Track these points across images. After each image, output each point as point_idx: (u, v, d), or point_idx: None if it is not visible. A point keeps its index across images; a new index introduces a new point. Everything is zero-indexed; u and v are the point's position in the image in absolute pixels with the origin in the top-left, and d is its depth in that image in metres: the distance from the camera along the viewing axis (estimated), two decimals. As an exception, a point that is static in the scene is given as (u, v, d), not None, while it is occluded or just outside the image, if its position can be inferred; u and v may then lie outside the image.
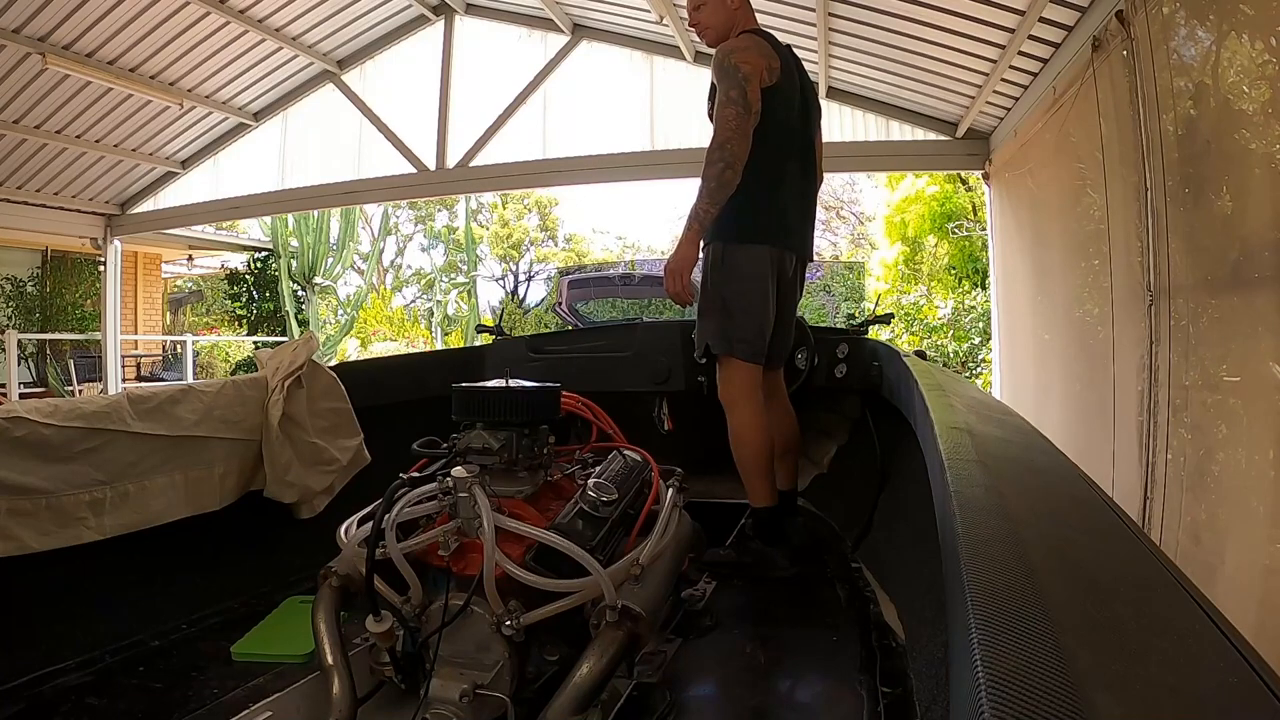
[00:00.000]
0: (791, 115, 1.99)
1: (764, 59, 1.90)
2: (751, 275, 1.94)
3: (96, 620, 1.50)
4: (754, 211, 1.94)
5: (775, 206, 1.97)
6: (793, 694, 1.40)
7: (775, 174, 1.96)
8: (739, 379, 1.97)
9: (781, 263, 2.00)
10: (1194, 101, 2.31)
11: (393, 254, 16.70)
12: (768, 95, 1.89)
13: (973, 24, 3.69)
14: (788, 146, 1.99)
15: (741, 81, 1.84)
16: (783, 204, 1.99)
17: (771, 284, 1.97)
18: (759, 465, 1.97)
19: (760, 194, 1.93)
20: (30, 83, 5.39)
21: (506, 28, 6.10)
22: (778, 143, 1.95)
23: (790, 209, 2.02)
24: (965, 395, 1.31)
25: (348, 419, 1.99)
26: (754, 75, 1.86)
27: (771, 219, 1.97)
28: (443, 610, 1.07)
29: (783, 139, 1.97)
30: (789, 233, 2.01)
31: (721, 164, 1.82)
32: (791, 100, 1.98)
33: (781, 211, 1.99)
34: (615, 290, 7.00)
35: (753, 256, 1.95)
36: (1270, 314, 1.95)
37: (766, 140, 1.90)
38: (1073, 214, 3.44)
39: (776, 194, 1.98)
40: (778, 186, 1.98)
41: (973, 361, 7.14)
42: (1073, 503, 0.70)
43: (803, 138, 2.05)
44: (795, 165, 2.02)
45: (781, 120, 1.95)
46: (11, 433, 1.35)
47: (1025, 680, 0.36)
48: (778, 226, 1.98)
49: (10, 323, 9.04)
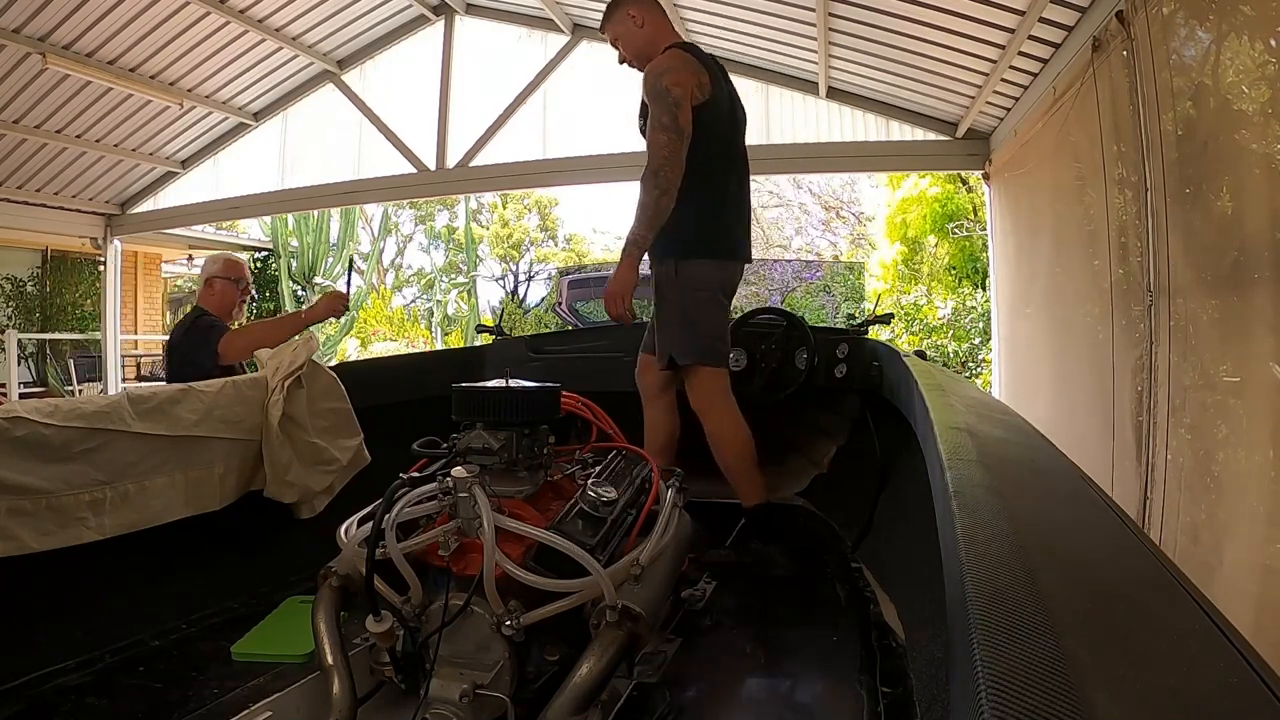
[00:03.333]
0: (725, 127, 2.02)
1: (694, 76, 1.93)
2: (706, 286, 1.99)
3: (96, 620, 1.50)
4: (703, 227, 1.99)
5: (722, 221, 2.02)
6: (793, 694, 1.40)
7: (719, 188, 2.01)
8: (710, 385, 2.01)
9: (730, 274, 2.05)
10: (1194, 102, 2.31)
11: (393, 254, 16.70)
12: (701, 111, 1.92)
13: (973, 24, 3.69)
14: (726, 158, 2.03)
15: (673, 106, 1.88)
16: (729, 218, 2.04)
17: (721, 294, 2.03)
18: (744, 464, 2.00)
19: (707, 209, 1.98)
20: (30, 82, 5.39)
21: (506, 28, 6.10)
22: (717, 156, 1.99)
23: (735, 222, 2.06)
24: (965, 395, 1.31)
25: (348, 419, 1.99)
26: (685, 96, 1.89)
27: (720, 233, 2.02)
28: (443, 610, 1.07)
29: (721, 151, 2.01)
30: (736, 245, 2.06)
31: (657, 191, 1.87)
32: (723, 112, 2.02)
33: (728, 226, 2.03)
34: (615, 290, 6.99)
35: (706, 269, 1.99)
36: (1270, 314, 1.95)
37: (707, 155, 1.95)
38: (1073, 214, 3.44)
39: (723, 208, 2.02)
40: (723, 200, 2.02)
41: (973, 361, 7.14)
42: (1073, 503, 0.70)
43: (737, 147, 2.09)
44: (735, 176, 2.07)
45: (717, 134, 1.99)
46: (11, 433, 1.35)
47: (1025, 680, 0.36)
48: (726, 240, 2.03)
49: (10, 322, 9.03)
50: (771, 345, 2.57)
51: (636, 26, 2.11)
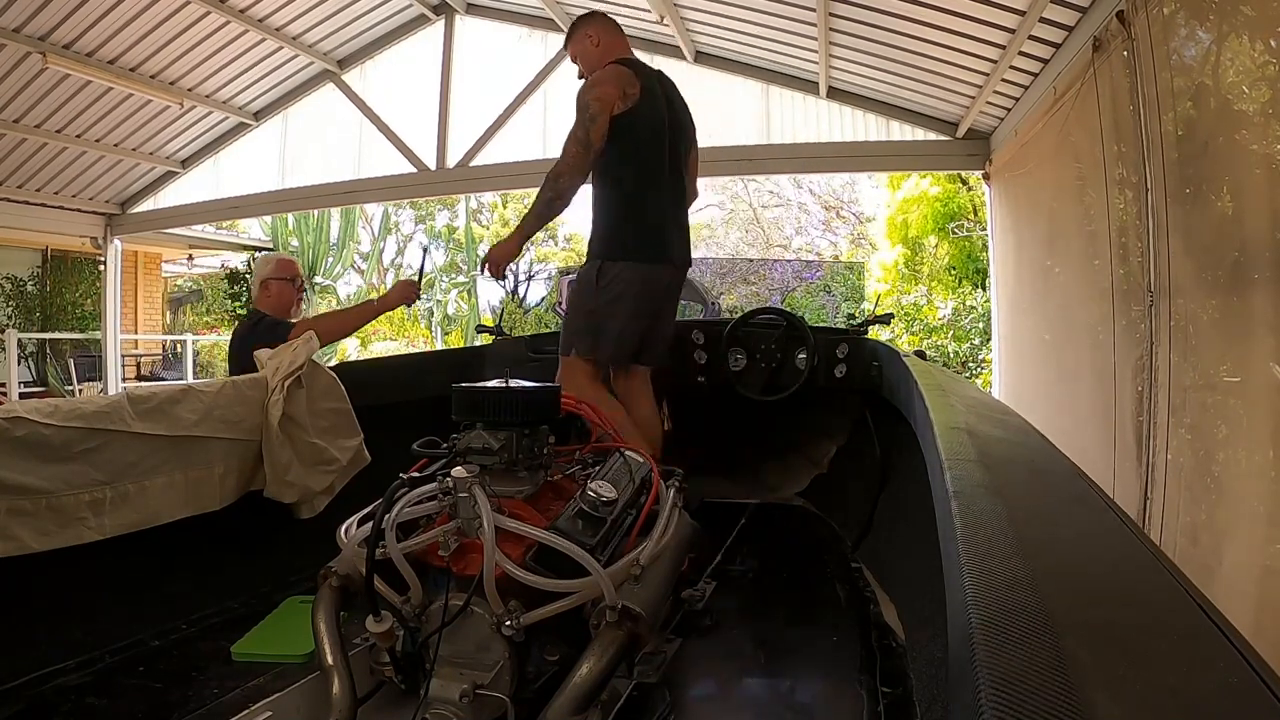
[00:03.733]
0: (649, 136, 2.10)
1: (619, 87, 2.05)
2: (622, 290, 2.08)
3: (96, 620, 1.50)
4: (624, 232, 2.10)
5: (645, 226, 2.11)
6: (793, 694, 1.40)
7: (643, 192, 2.10)
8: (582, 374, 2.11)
9: (655, 276, 2.12)
10: (1194, 102, 2.31)
11: (393, 253, 16.68)
12: (624, 119, 2.04)
13: (973, 24, 3.69)
14: (650, 166, 2.11)
15: (588, 121, 2.02)
16: (652, 223, 2.12)
17: (641, 298, 2.10)
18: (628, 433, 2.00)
19: (631, 213, 2.10)
20: (30, 82, 5.39)
21: (507, 27, 6.10)
22: (640, 163, 2.09)
23: (664, 224, 2.14)
24: (965, 395, 1.31)
25: (348, 419, 1.99)
26: (603, 111, 2.02)
27: (642, 238, 2.10)
28: (443, 610, 1.07)
29: (648, 157, 2.10)
30: (661, 248, 2.13)
31: (552, 194, 2.03)
32: (654, 120, 2.10)
33: (652, 230, 2.11)
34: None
35: (625, 272, 2.08)
36: (1270, 314, 1.95)
37: (630, 162, 2.07)
38: (1073, 214, 3.44)
39: (646, 212, 2.11)
40: (646, 204, 2.11)
41: (973, 361, 7.14)
42: (1073, 503, 0.70)
43: (663, 156, 2.14)
44: (665, 181, 2.14)
45: (645, 140, 2.08)
46: (11, 433, 1.35)
47: (1025, 680, 0.36)
48: (650, 244, 2.11)
49: (10, 322, 9.03)
50: (771, 345, 2.57)
51: (593, 45, 2.26)
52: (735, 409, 2.67)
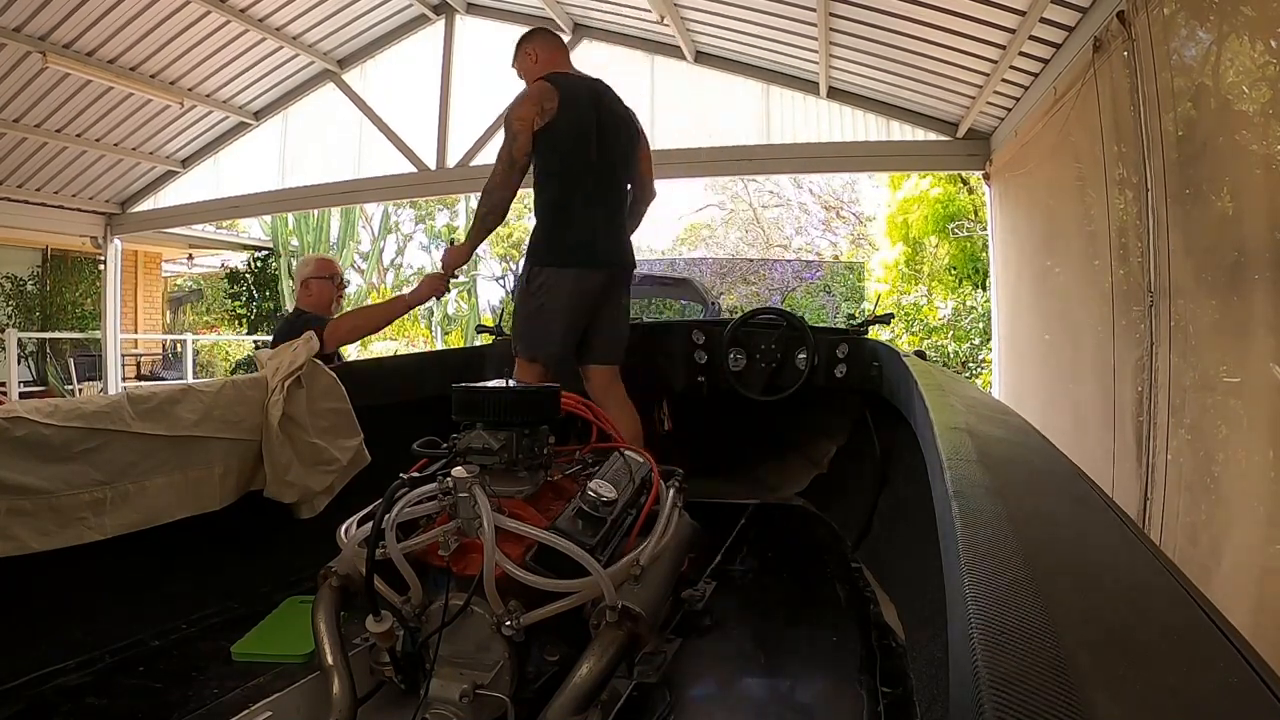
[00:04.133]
0: (571, 147, 2.19)
1: (536, 105, 2.17)
2: (550, 294, 2.19)
3: (96, 620, 1.50)
4: (551, 239, 2.22)
5: (572, 230, 2.20)
6: (793, 694, 1.39)
7: (568, 200, 2.20)
8: (531, 374, 2.23)
9: (584, 281, 2.20)
10: (1194, 102, 2.31)
11: (393, 253, 16.67)
12: (544, 134, 2.16)
13: (973, 24, 3.69)
14: (578, 172, 2.20)
15: (510, 140, 2.17)
16: (580, 227, 2.21)
17: (571, 301, 2.19)
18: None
19: (557, 221, 2.21)
20: (30, 81, 5.39)
21: (507, 27, 6.09)
22: (564, 173, 2.20)
23: (592, 229, 2.22)
24: (965, 395, 1.31)
25: (348, 419, 1.98)
26: (523, 130, 2.15)
27: (569, 244, 2.20)
28: (443, 610, 1.07)
29: (571, 165, 2.20)
30: (590, 254, 2.22)
31: (485, 208, 2.20)
32: (576, 130, 2.19)
33: (579, 234, 2.20)
34: (615, 290, 7.00)
35: (553, 278, 2.19)
36: (1270, 314, 1.95)
37: (552, 174, 2.20)
38: (1073, 214, 3.44)
39: (571, 219, 2.21)
40: (571, 211, 2.21)
41: (973, 362, 7.14)
42: (1073, 503, 0.70)
43: (603, 160, 2.23)
44: (593, 187, 2.23)
45: (567, 150, 2.19)
46: (11, 433, 1.35)
47: (1025, 680, 0.36)
48: (577, 250, 2.20)
49: (10, 321, 9.03)
50: (771, 345, 2.57)
51: (532, 62, 2.38)
52: (735, 409, 2.67)
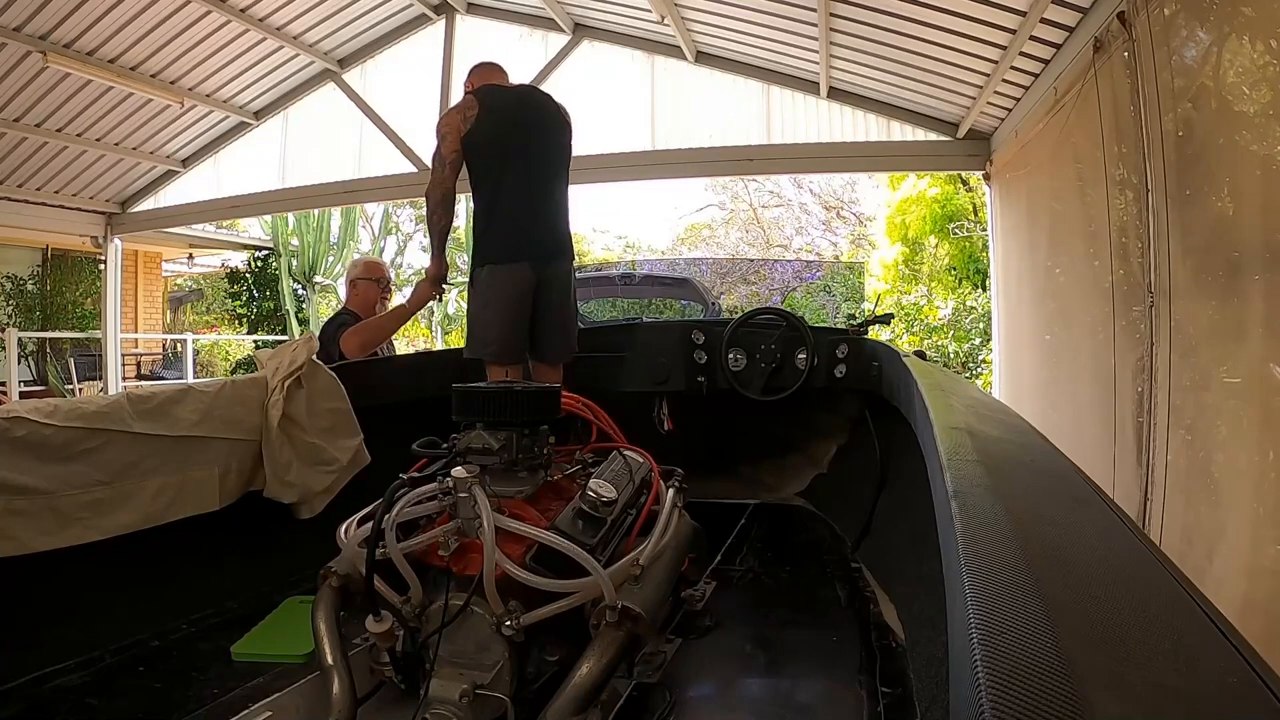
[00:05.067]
0: (501, 145, 2.36)
1: (460, 113, 2.36)
2: (488, 292, 2.32)
3: (96, 620, 1.50)
4: (483, 238, 2.37)
5: (499, 227, 2.35)
6: (793, 694, 1.40)
7: (494, 200, 2.36)
8: (495, 376, 2.32)
9: (513, 275, 2.31)
10: (1195, 103, 2.31)
11: (393, 253, 16.65)
12: (468, 139, 2.32)
13: (974, 24, 3.69)
14: (501, 171, 2.36)
15: (440, 142, 2.35)
16: (506, 223, 2.35)
17: (505, 295, 2.30)
18: None
19: (488, 222, 2.36)
20: (31, 81, 5.38)
21: (507, 27, 6.09)
22: (490, 171, 2.35)
23: (519, 224, 2.36)
24: (965, 395, 1.31)
25: (348, 419, 1.98)
26: (450, 132, 2.33)
27: (494, 242, 2.34)
28: (443, 610, 1.07)
29: (494, 166, 2.35)
30: (519, 246, 2.34)
31: (429, 210, 2.38)
32: (498, 132, 2.35)
33: (506, 230, 2.34)
34: (615, 290, 6.97)
35: (486, 276, 2.33)
36: (1270, 315, 1.95)
37: (479, 172, 2.35)
38: (1073, 215, 3.44)
39: (497, 217, 2.35)
40: (497, 211, 2.35)
41: (973, 362, 7.14)
42: (1073, 503, 0.70)
43: (527, 159, 2.40)
44: (517, 185, 2.37)
45: (490, 153, 2.35)
46: (11, 433, 1.35)
47: (1025, 680, 0.36)
48: (503, 247, 2.34)
49: (10, 321, 9.03)
50: (771, 345, 2.56)
51: (469, 89, 2.54)
52: (735, 409, 2.67)
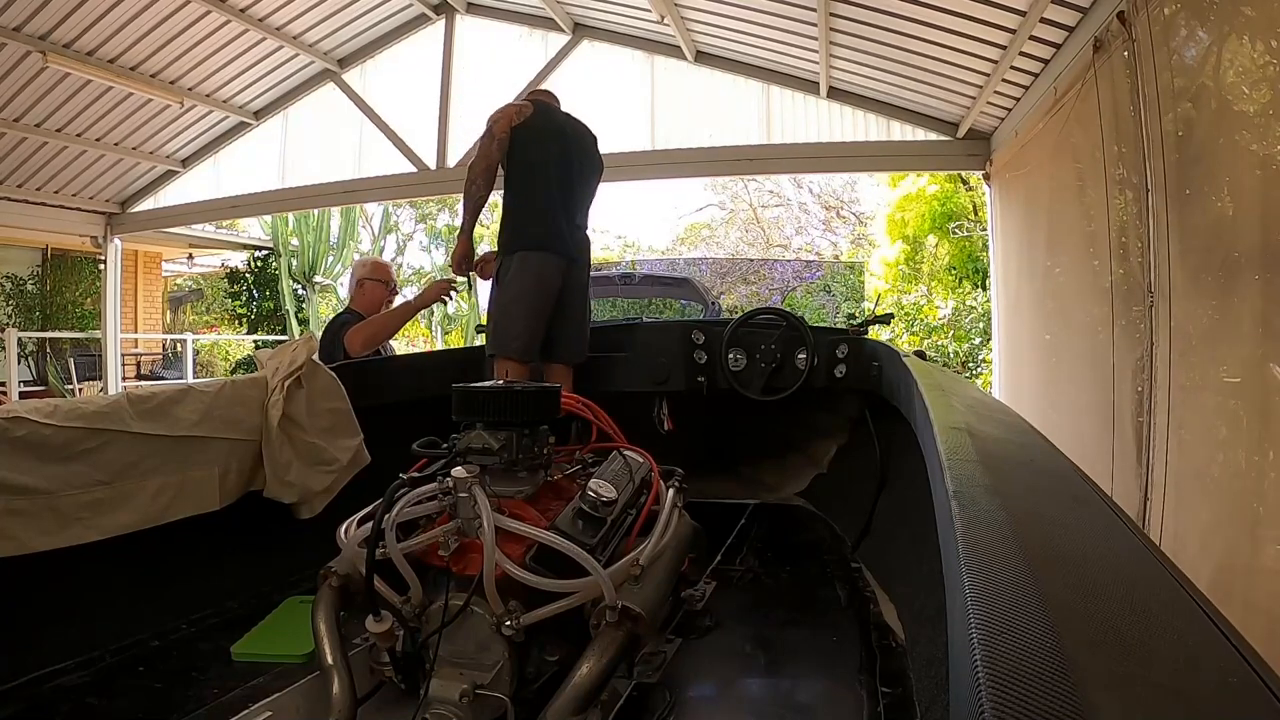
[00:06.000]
0: (546, 143, 2.44)
1: (514, 108, 2.46)
2: (518, 283, 2.33)
3: (96, 620, 1.50)
4: (517, 226, 2.39)
5: (535, 217, 2.37)
6: (793, 694, 1.40)
7: (529, 195, 2.39)
8: (510, 376, 2.31)
9: (545, 264, 2.34)
10: (1194, 102, 2.31)
11: (393, 253, 16.65)
12: (518, 130, 2.40)
13: (974, 24, 3.69)
14: (542, 169, 2.42)
15: (491, 125, 2.41)
16: (543, 215, 2.38)
17: (536, 285, 2.32)
18: None
19: (519, 215, 2.39)
20: (30, 81, 5.38)
21: (507, 27, 6.09)
22: (533, 164, 2.41)
23: (555, 219, 2.39)
24: (965, 395, 1.31)
25: (348, 419, 1.98)
26: (502, 118, 2.40)
27: (532, 229, 2.37)
28: (443, 610, 1.07)
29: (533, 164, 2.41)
30: (553, 238, 2.38)
31: (469, 180, 2.38)
32: (544, 134, 2.44)
33: (542, 221, 2.37)
34: (615, 290, 6.97)
35: (518, 263, 2.34)
36: (1269, 315, 1.95)
37: (522, 165, 2.40)
38: (1073, 214, 3.44)
39: (535, 207, 2.38)
40: (535, 202, 2.39)
41: (973, 362, 7.14)
42: (1073, 503, 0.70)
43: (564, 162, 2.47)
44: (556, 182, 2.42)
45: (536, 147, 2.41)
46: (11, 433, 1.35)
47: (1025, 680, 0.36)
48: (540, 234, 2.37)
49: (10, 321, 9.02)
50: (771, 345, 2.56)
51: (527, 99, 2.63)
52: (735, 409, 2.67)
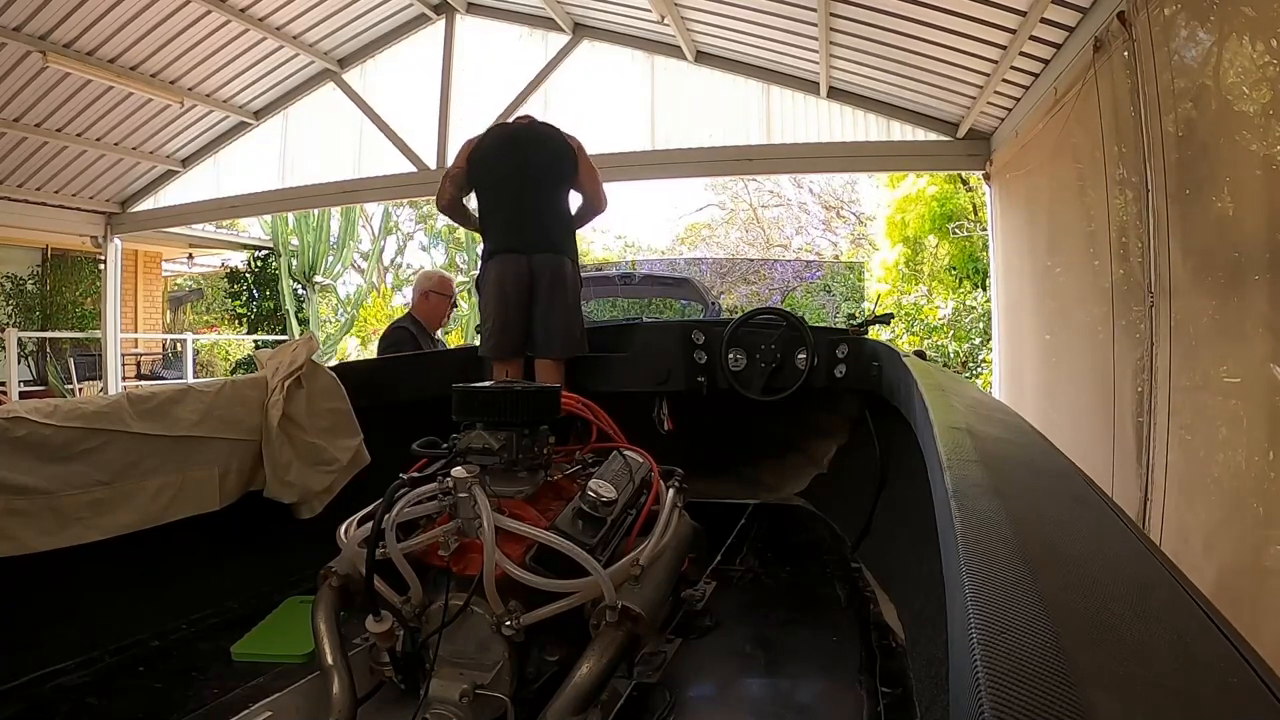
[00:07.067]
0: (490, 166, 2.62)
1: (471, 141, 2.70)
2: (487, 285, 2.53)
3: (96, 620, 1.50)
4: (484, 242, 2.62)
5: (491, 228, 2.60)
6: (793, 694, 1.40)
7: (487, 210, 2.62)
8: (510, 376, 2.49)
9: (504, 264, 2.50)
10: (1195, 103, 2.31)
11: (393, 253, 16.65)
12: (469, 167, 2.63)
13: (974, 24, 3.69)
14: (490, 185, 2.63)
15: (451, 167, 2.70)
16: (496, 223, 2.59)
17: (499, 287, 2.48)
18: None
19: (483, 228, 2.62)
20: (30, 81, 5.38)
21: (507, 27, 6.09)
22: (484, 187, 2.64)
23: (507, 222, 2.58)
24: (965, 395, 1.31)
25: (348, 419, 1.98)
26: (459, 154, 2.68)
27: (491, 239, 2.59)
28: (443, 610, 1.07)
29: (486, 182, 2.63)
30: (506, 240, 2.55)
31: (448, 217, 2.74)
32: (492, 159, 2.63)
33: (496, 228, 2.59)
34: (615, 290, 6.97)
35: (484, 272, 2.56)
36: (1270, 315, 1.95)
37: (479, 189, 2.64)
38: (1073, 214, 3.44)
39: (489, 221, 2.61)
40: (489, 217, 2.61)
41: (973, 362, 7.14)
42: (1073, 503, 0.70)
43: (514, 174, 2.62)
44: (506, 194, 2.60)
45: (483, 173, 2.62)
46: (12, 433, 1.35)
47: (1025, 680, 0.36)
48: (495, 241, 2.57)
49: (10, 321, 9.02)
50: (771, 345, 2.56)
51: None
52: (735, 409, 2.67)
